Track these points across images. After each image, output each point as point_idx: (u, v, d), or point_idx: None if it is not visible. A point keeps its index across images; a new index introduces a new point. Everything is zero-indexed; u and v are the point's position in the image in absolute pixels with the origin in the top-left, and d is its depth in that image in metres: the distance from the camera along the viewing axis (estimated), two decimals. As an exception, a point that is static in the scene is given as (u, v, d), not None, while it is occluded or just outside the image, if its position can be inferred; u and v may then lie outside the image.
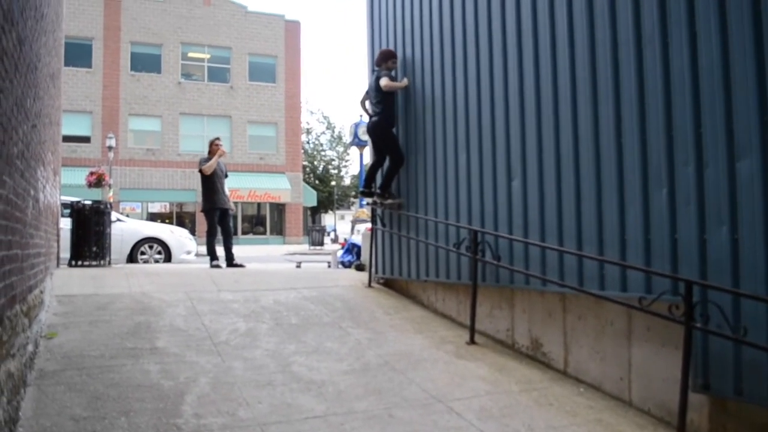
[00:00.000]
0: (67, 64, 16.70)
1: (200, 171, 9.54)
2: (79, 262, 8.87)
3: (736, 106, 3.35)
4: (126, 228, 11.81)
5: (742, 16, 3.31)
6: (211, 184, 9.51)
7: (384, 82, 6.81)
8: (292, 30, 36.35)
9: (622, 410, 4.07)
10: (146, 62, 33.11)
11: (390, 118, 7.05)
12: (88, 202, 9.15)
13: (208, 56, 34.52)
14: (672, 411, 3.62)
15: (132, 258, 11.75)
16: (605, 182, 4.24)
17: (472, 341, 5.37)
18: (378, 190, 7.25)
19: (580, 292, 4.38)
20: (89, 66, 31.81)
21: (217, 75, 34.65)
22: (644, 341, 4.07)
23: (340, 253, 12.38)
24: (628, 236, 4.03)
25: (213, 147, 9.69)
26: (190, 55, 34.20)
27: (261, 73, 35.30)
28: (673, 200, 3.71)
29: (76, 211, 8.96)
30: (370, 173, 7.56)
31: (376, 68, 7.13)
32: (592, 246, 4.31)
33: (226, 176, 9.86)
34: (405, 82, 6.93)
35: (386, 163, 7.19)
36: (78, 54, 30.25)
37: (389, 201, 7.14)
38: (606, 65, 4.23)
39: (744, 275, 3.29)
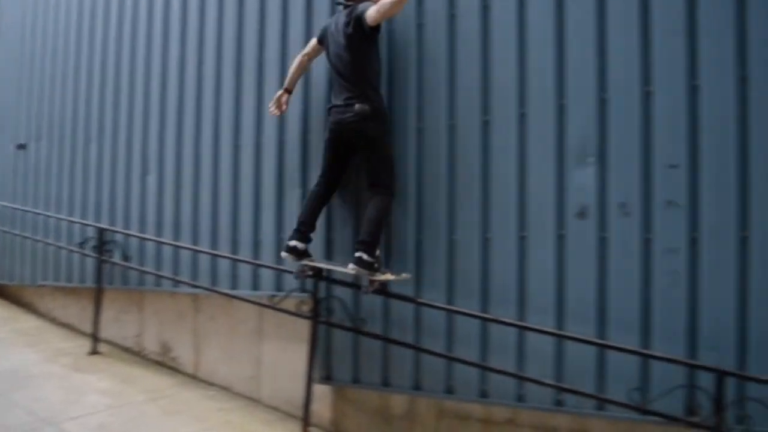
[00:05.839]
0: None
1: None
2: None
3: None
4: None
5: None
6: None
7: (373, 9, 3.20)
8: None
9: (252, 409, 4.10)
10: None
11: (382, 105, 3.46)
12: None
13: None
14: (299, 404, 3.74)
15: None
16: (243, 183, 4.25)
17: (94, 351, 4.90)
18: (366, 256, 3.21)
19: (212, 292, 4.32)
20: None
21: None
22: (274, 338, 4.17)
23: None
24: (263, 236, 4.10)
25: None
26: None
27: None
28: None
29: None
30: (312, 209, 3.60)
31: (342, 4, 3.52)
32: (227, 246, 4.28)
33: None
34: None
35: (371, 207, 3.35)
36: None
37: (393, 277, 3.33)
38: (252, 65, 4.25)
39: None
